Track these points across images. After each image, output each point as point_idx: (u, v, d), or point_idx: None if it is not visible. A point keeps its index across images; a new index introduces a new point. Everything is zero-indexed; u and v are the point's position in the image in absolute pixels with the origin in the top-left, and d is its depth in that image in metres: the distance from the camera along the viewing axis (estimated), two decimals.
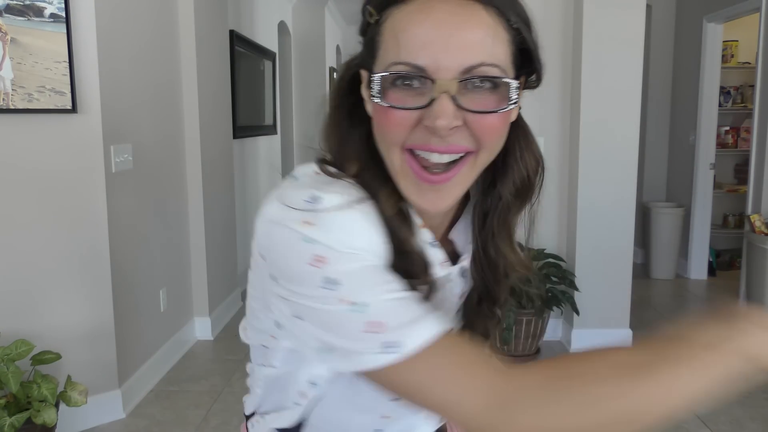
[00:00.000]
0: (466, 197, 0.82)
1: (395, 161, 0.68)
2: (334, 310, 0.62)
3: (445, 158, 0.66)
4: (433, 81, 0.62)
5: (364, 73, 0.71)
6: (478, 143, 0.67)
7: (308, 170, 0.73)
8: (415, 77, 0.63)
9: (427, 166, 0.66)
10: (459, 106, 0.63)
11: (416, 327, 0.62)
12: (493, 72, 0.64)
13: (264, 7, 5.85)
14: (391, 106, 0.64)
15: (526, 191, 0.79)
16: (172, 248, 3.49)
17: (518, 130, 0.81)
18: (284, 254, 0.64)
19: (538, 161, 0.81)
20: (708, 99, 5.03)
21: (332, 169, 0.71)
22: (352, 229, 0.64)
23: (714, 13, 4.86)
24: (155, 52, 3.24)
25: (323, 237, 0.62)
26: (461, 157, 0.67)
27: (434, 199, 0.68)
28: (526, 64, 0.71)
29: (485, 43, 0.63)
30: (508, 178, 0.77)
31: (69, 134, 2.60)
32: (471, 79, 0.63)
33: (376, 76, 0.65)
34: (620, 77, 3.45)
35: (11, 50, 2.44)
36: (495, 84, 0.65)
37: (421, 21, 0.62)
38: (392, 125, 0.65)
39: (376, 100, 0.65)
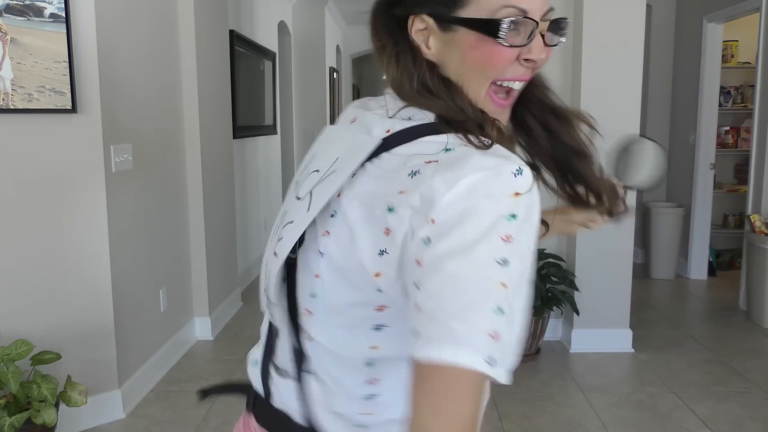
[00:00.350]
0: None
1: (482, 92, 0.77)
2: (485, 288, 0.62)
3: (519, 85, 0.79)
4: (536, 23, 0.75)
5: (428, 19, 0.76)
6: (534, 72, 0.80)
7: (451, 140, 0.73)
8: (522, 19, 0.74)
9: (506, 93, 0.79)
10: (547, 45, 0.78)
11: (510, 357, 0.64)
12: (558, 14, 0.80)
13: (264, 7, 5.85)
14: (511, 45, 0.74)
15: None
16: (172, 248, 3.49)
17: None
18: (477, 223, 0.64)
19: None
20: (708, 99, 5.03)
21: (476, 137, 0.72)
22: (537, 207, 0.67)
23: (714, 13, 4.86)
24: (155, 52, 3.24)
25: (524, 216, 0.65)
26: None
27: (502, 118, 0.80)
28: None
29: None
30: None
31: (69, 134, 2.60)
32: (553, 20, 0.79)
33: (485, 18, 0.73)
34: (620, 77, 3.45)
35: (11, 50, 2.44)
36: (560, 24, 0.80)
37: None
38: (502, 60, 0.75)
39: (502, 40, 0.73)
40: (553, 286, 3.48)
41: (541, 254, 3.54)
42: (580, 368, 3.40)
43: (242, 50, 4.97)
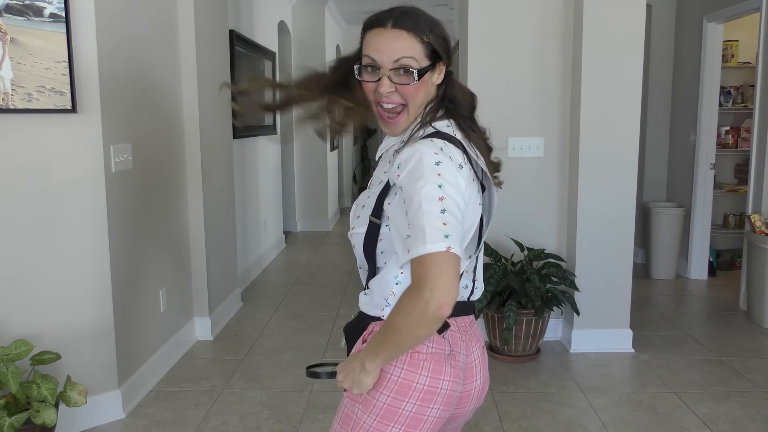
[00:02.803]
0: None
1: (375, 109, 1.29)
2: (432, 204, 1.12)
3: (390, 106, 1.27)
4: (380, 68, 1.24)
5: (356, 67, 1.29)
6: (405, 100, 1.25)
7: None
8: (372, 66, 1.25)
9: (387, 112, 1.28)
10: (392, 81, 1.24)
11: (458, 233, 1.14)
12: (408, 62, 1.23)
13: (264, 7, 5.84)
14: (365, 81, 1.27)
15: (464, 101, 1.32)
16: (172, 248, 3.48)
17: (452, 82, 1.32)
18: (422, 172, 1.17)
19: (469, 93, 1.34)
20: (708, 99, 5.03)
21: None
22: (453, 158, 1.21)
23: (714, 13, 4.85)
24: (155, 52, 3.24)
25: (444, 163, 1.18)
26: (402, 109, 1.27)
27: (391, 130, 1.30)
28: (440, 56, 1.26)
29: (404, 48, 1.22)
30: (457, 97, 1.31)
31: (69, 134, 2.60)
32: (396, 68, 1.23)
33: (360, 66, 1.28)
34: (620, 77, 3.45)
35: (11, 50, 2.44)
36: (407, 69, 1.23)
37: (376, 37, 1.24)
38: (367, 91, 1.28)
39: (358, 78, 1.28)
40: (553, 286, 3.48)
41: (541, 254, 3.54)
42: (581, 368, 3.40)
43: (242, 50, 4.96)
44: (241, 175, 5.07)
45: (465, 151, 1.22)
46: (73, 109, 2.54)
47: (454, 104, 1.29)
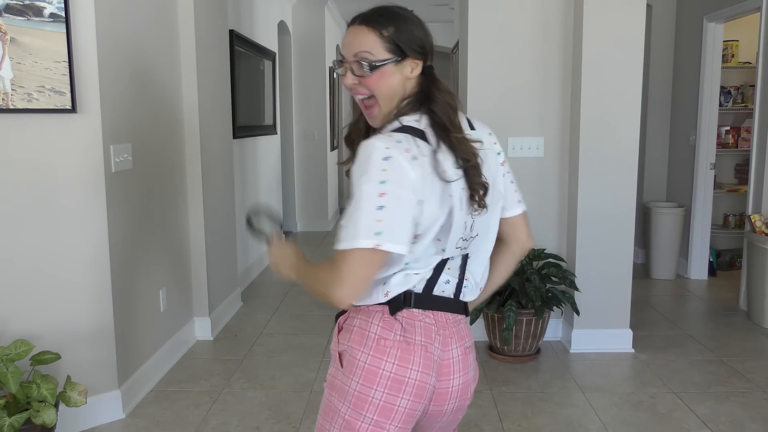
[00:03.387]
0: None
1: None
2: (370, 199, 1.18)
3: (360, 98, 1.34)
4: (343, 62, 1.33)
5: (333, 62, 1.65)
6: (371, 92, 1.30)
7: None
8: (340, 60, 1.34)
9: (362, 104, 1.35)
10: (353, 74, 1.30)
11: (397, 232, 1.17)
12: (364, 55, 1.27)
13: (264, 7, 5.85)
14: (338, 75, 1.81)
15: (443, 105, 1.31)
16: (172, 248, 3.48)
17: (430, 79, 1.32)
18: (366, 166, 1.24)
19: (447, 90, 1.32)
20: (708, 99, 5.03)
21: None
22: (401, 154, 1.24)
23: (714, 13, 4.85)
24: (155, 52, 3.24)
25: (392, 159, 1.21)
26: (373, 101, 1.32)
27: (371, 121, 1.35)
28: (402, 49, 1.28)
29: (362, 42, 1.27)
30: (432, 93, 1.29)
31: (69, 134, 2.60)
32: (356, 60, 1.29)
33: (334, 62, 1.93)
34: (620, 77, 3.45)
35: (11, 50, 2.44)
36: (364, 61, 1.27)
37: (346, 34, 1.32)
38: (344, 85, 1.34)
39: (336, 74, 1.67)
40: (553, 286, 3.48)
41: (541, 254, 3.54)
42: (580, 368, 3.40)
43: (242, 50, 4.96)
44: (241, 175, 5.07)
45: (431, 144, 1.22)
46: (73, 109, 2.54)
47: (429, 100, 1.27)
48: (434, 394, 1.31)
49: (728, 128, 5.46)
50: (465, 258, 1.33)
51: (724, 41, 5.11)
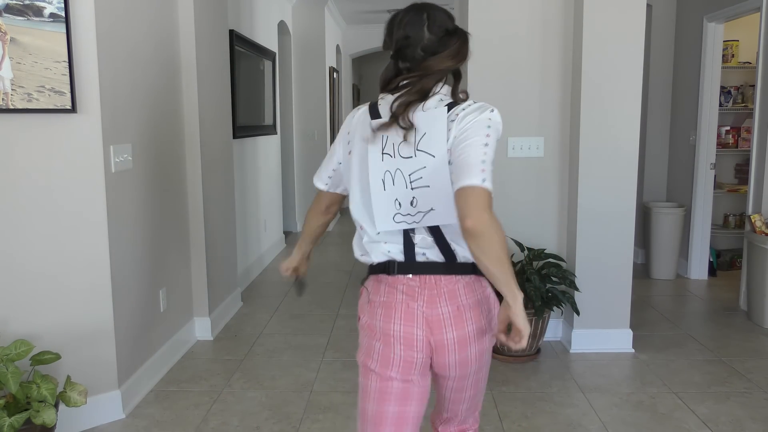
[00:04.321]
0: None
1: None
2: (478, 152, 1.43)
3: None
4: None
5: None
6: None
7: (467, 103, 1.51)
8: None
9: None
10: None
11: (491, 175, 1.41)
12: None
13: (264, 7, 5.84)
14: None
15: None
16: (172, 248, 3.48)
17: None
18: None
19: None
20: (708, 99, 5.03)
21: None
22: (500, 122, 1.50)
23: (714, 13, 4.85)
24: (155, 52, 3.24)
25: (494, 126, 1.46)
26: None
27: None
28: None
29: None
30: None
31: (69, 134, 2.60)
32: None
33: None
34: (620, 77, 3.45)
35: (11, 50, 2.44)
36: None
37: None
38: None
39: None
40: (553, 286, 3.48)
41: (541, 254, 3.54)
42: (581, 368, 3.40)
43: (242, 50, 4.96)
44: (241, 175, 5.07)
45: (373, 112, 1.53)
46: (73, 109, 2.54)
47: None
48: (435, 346, 1.51)
49: (728, 128, 5.46)
50: (432, 228, 1.49)
51: (724, 41, 5.11)
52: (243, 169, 5.13)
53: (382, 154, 1.47)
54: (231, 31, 4.57)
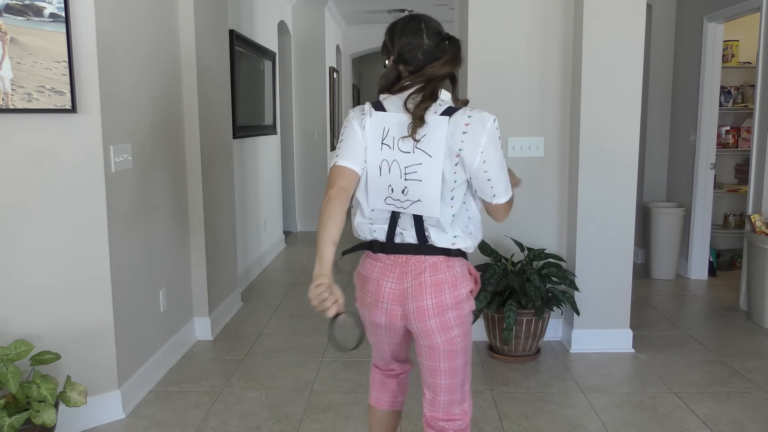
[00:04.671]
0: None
1: None
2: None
3: None
4: None
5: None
6: None
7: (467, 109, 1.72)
8: None
9: None
10: None
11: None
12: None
13: (264, 7, 5.84)
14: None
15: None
16: (172, 248, 3.48)
17: None
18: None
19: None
20: (708, 99, 5.03)
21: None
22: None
23: (714, 13, 4.85)
24: (155, 51, 3.24)
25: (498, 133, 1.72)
26: None
27: None
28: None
29: None
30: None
31: (69, 134, 2.60)
32: None
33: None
34: (620, 77, 3.45)
35: (11, 50, 2.44)
36: None
37: None
38: None
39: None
40: (553, 286, 3.48)
41: (541, 254, 3.54)
42: (581, 368, 3.40)
43: (242, 50, 4.96)
44: (241, 175, 5.07)
45: (377, 106, 1.72)
46: (73, 109, 2.54)
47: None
48: (402, 314, 1.77)
49: (728, 128, 5.46)
50: (413, 215, 1.73)
51: (724, 41, 5.11)
52: (243, 169, 5.13)
53: (382, 144, 1.69)
54: (231, 31, 4.57)
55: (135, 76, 3.00)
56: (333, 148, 8.13)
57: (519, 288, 3.35)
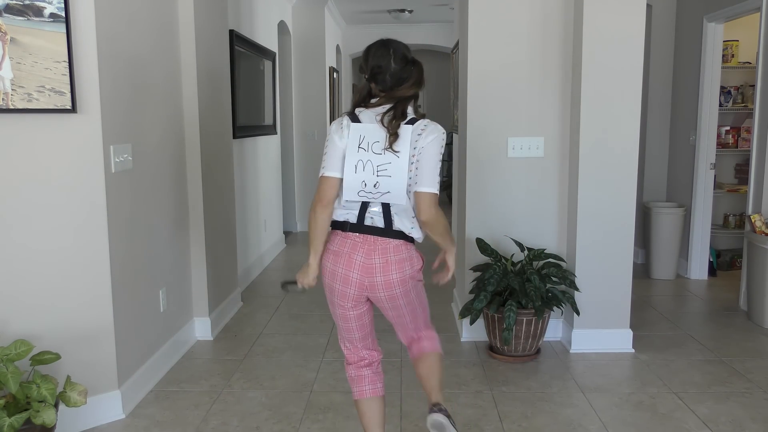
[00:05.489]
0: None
1: None
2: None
3: None
4: None
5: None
6: None
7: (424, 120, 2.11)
8: None
9: None
10: None
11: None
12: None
13: (264, 7, 5.84)
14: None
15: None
16: (172, 248, 3.48)
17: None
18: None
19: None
20: (708, 99, 5.03)
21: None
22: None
23: (714, 13, 4.85)
24: (155, 52, 3.24)
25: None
26: None
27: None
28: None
29: None
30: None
31: (69, 134, 2.60)
32: None
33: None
34: (620, 77, 3.45)
35: (11, 50, 2.44)
36: None
37: None
38: None
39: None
40: (553, 286, 3.48)
41: (541, 254, 3.54)
42: (581, 368, 3.40)
43: (242, 50, 4.96)
44: (241, 175, 5.07)
45: (353, 119, 2.09)
46: (73, 109, 2.54)
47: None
48: (368, 285, 2.11)
49: (728, 128, 5.46)
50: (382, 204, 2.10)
51: (724, 41, 5.11)
52: (243, 169, 5.13)
53: (358, 148, 2.05)
54: (231, 31, 4.57)
55: (135, 76, 3.00)
56: None
57: (519, 288, 3.35)
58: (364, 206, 2.09)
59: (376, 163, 2.03)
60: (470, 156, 3.68)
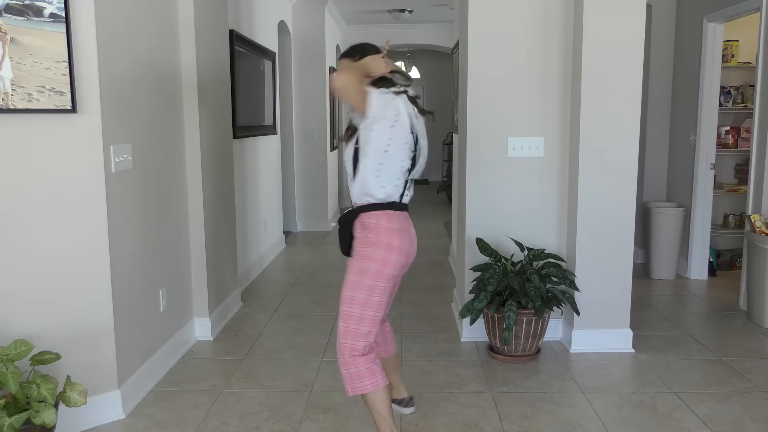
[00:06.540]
0: None
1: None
2: None
3: None
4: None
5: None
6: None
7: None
8: None
9: None
10: None
11: None
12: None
13: (264, 7, 5.85)
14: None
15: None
16: (172, 248, 3.48)
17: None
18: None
19: None
20: (708, 99, 5.03)
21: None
22: None
23: (714, 13, 4.85)
24: (155, 52, 3.24)
25: None
26: None
27: None
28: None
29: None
30: None
31: (69, 134, 2.60)
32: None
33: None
34: (620, 77, 3.45)
35: (11, 50, 2.44)
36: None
37: None
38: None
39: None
40: (553, 286, 3.48)
41: (541, 254, 3.54)
42: (581, 368, 3.40)
43: (242, 50, 4.96)
44: (241, 175, 5.07)
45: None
46: (73, 109, 2.54)
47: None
48: (412, 252, 2.44)
49: (728, 128, 5.46)
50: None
51: (724, 41, 5.11)
52: (243, 169, 5.13)
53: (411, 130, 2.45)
54: (231, 31, 4.57)
55: (135, 76, 3.00)
56: (333, 148, 8.13)
57: (519, 288, 3.35)
58: (405, 184, 2.41)
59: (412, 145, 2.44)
60: (470, 156, 3.68)
